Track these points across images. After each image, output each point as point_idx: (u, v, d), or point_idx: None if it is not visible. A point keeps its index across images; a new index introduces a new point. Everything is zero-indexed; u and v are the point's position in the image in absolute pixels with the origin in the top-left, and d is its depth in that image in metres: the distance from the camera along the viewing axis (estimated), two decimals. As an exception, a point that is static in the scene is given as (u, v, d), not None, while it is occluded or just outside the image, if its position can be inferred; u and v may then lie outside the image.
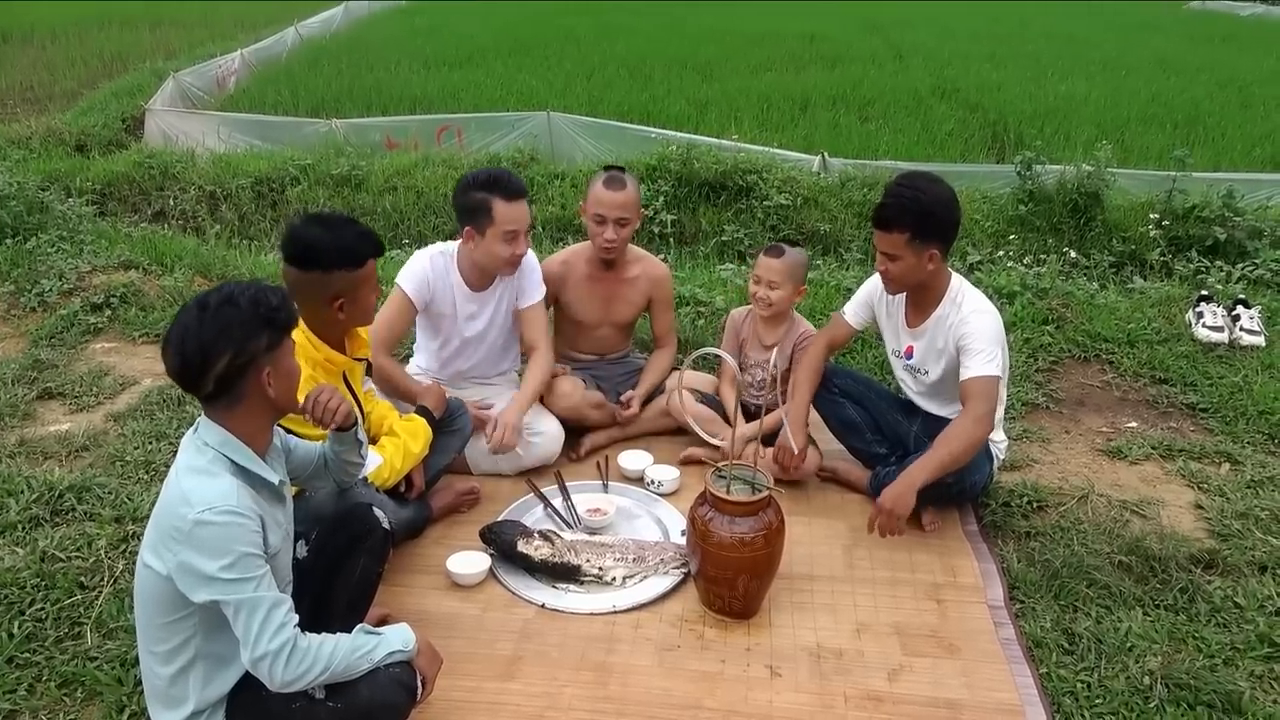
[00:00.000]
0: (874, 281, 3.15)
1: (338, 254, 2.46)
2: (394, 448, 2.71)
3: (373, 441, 2.72)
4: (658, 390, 3.57)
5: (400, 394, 3.03)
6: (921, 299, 2.99)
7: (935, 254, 2.84)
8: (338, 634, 1.99)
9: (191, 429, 1.98)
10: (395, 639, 2.03)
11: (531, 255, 3.29)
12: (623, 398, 3.48)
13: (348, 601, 2.29)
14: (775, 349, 3.29)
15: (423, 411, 2.92)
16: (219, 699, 1.96)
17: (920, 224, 2.79)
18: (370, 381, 2.90)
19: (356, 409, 2.67)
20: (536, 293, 3.30)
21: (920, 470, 2.74)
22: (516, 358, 3.47)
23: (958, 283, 2.96)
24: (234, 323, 1.87)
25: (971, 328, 2.85)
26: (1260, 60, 12.72)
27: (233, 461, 1.90)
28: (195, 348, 1.86)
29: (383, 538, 2.34)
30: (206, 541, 1.80)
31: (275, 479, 1.98)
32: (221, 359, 1.85)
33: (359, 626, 2.05)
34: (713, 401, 3.44)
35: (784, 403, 3.26)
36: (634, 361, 3.70)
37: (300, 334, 2.39)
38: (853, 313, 3.20)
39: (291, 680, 1.87)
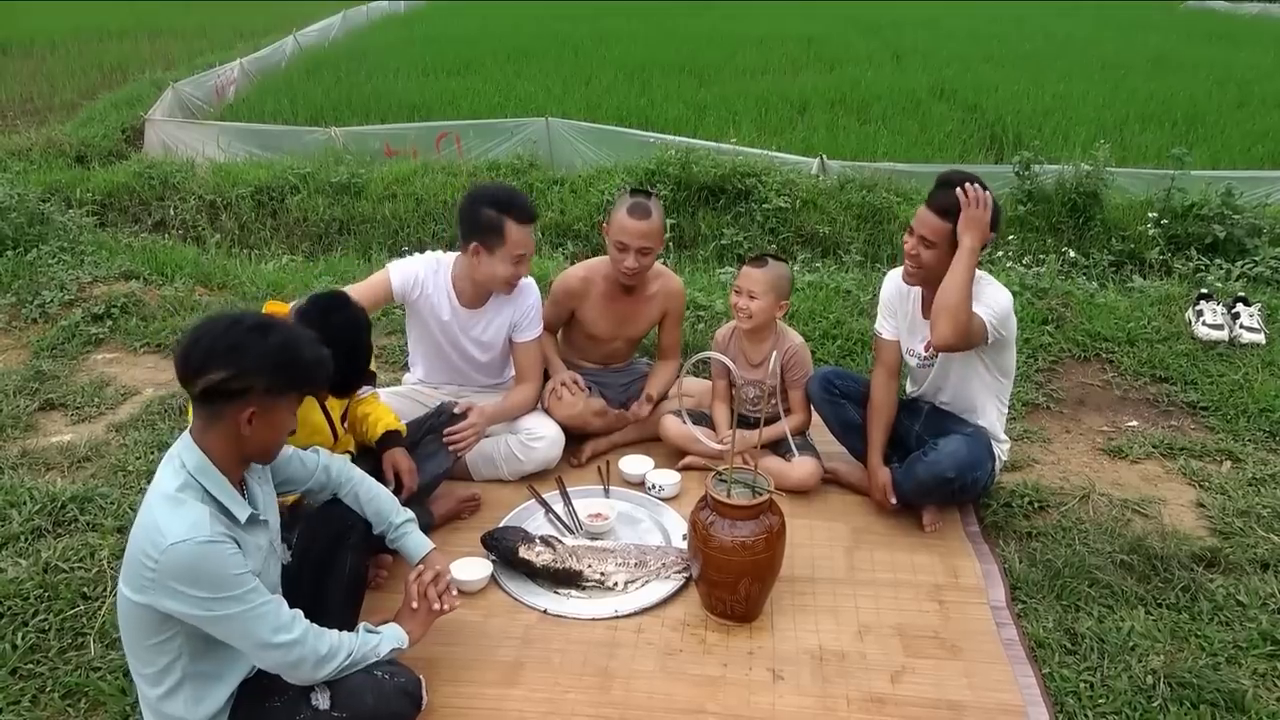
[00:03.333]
0: (888, 283, 3.14)
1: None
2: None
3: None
4: (661, 396, 3.57)
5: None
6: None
7: None
8: (342, 632, 2.05)
9: (177, 441, 1.97)
10: (390, 638, 2.13)
11: (534, 287, 3.28)
12: (632, 409, 3.45)
13: (342, 600, 2.31)
14: (765, 363, 3.26)
15: (391, 437, 2.85)
16: (214, 714, 1.97)
17: None
18: (370, 389, 2.90)
19: (325, 421, 2.66)
20: (534, 329, 3.28)
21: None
22: (510, 377, 3.45)
23: (978, 275, 2.93)
24: (250, 349, 1.86)
25: (984, 295, 2.81)
26: (1258, 58, 12.75)
27: (204, 489, 1.89)
28: (204, 349, 1.86)
29: (364, 531, 2.35)
30: (184, 571, 1.80)
31: (244, 514, 1.95)
32: (218, 372, 1.84)
33: (360, 626, 2.12)
34: (705, 419, 3.43)
35: (784, 415, 3.26)
36: (637, 369, 3.70)
37: None
38: (885, 325, 3.15)
39: (323, 658, 1.94)
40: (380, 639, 2.10)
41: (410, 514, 2.40)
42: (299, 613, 1.96)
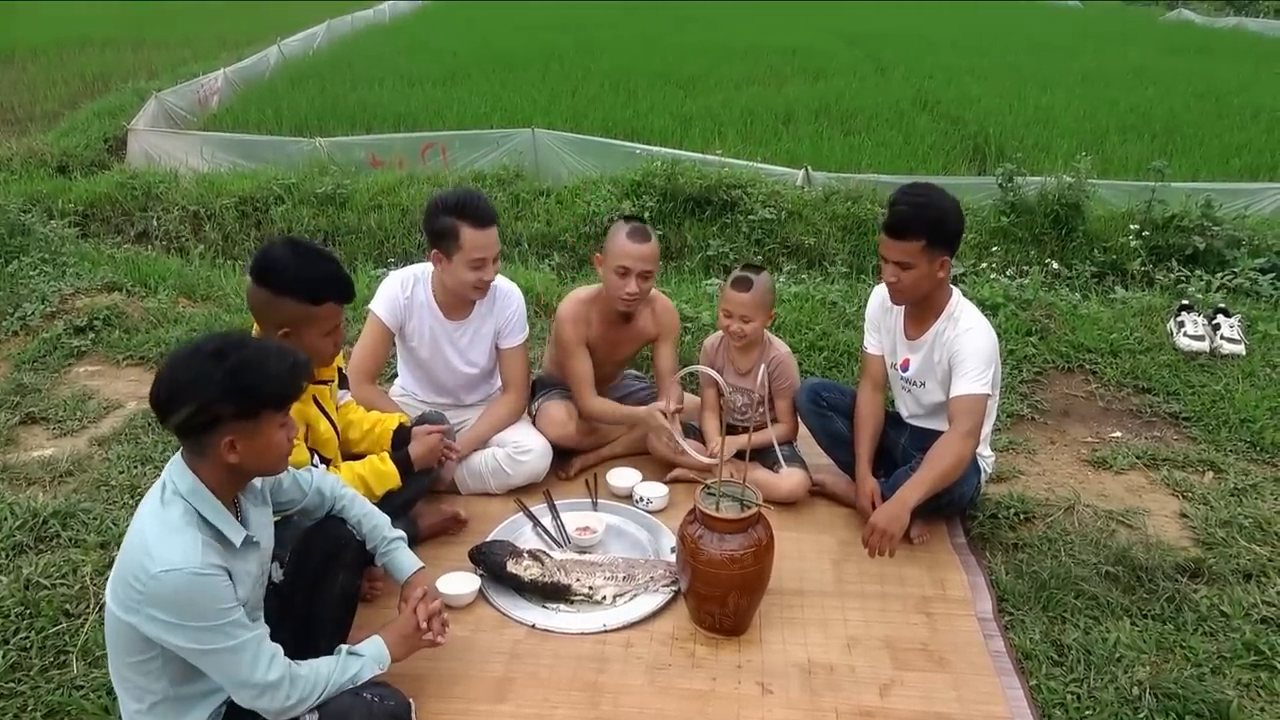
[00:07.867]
0: (873, 299, 3.17)
1: (291, 281, 2.35)
2: (350, 478, 2.59)
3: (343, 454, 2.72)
4: (654, 397, 3.54)
5: None
6: (921, 311, 3.00)
7: (946, 261, 2.85)
8: (323, 658, 2.03)
9: (172, 461, 1.95)
10: (372, 660, 2.10)
11: (516, 292, 3.29)
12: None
13: (333, 619, 2.29)
14: (753, 372, 3.27)
15: (402, 457, 2.79)
16: None
17: (934, 231, 2.79)
18: (348, 394, 2.89)
19: (332, 431, 2.65)
20: (519, 335, 3.29)
21: (912, 489, 2.75)
22: (497, 387, 3.45)
23: (957, 298, 2.98)
24: (206, 379, 1.80)
25: (963, 344, 2.87)
26: (1236, 70, 12.90)
27: (198, 513, 1.87)
28: (166, 388, 1.83)
29: (358, 550, 2.33)
30: (170, 600, 1.78)
31: (239, 537, 1.92)
32: (183, 409, 1.81)
33: (341, 649, 2.08)
34: (694, 430, 3.43)
35: (771, 422, 3.26)
36: (627, 386, 3.69)
37: None
38: (871, 340, 3.19)
39: (292, 706, 1.92)
40: (361, 665, 2.06)
41: (400, 533, 2.39)
42: (279, 651, 1.93)
